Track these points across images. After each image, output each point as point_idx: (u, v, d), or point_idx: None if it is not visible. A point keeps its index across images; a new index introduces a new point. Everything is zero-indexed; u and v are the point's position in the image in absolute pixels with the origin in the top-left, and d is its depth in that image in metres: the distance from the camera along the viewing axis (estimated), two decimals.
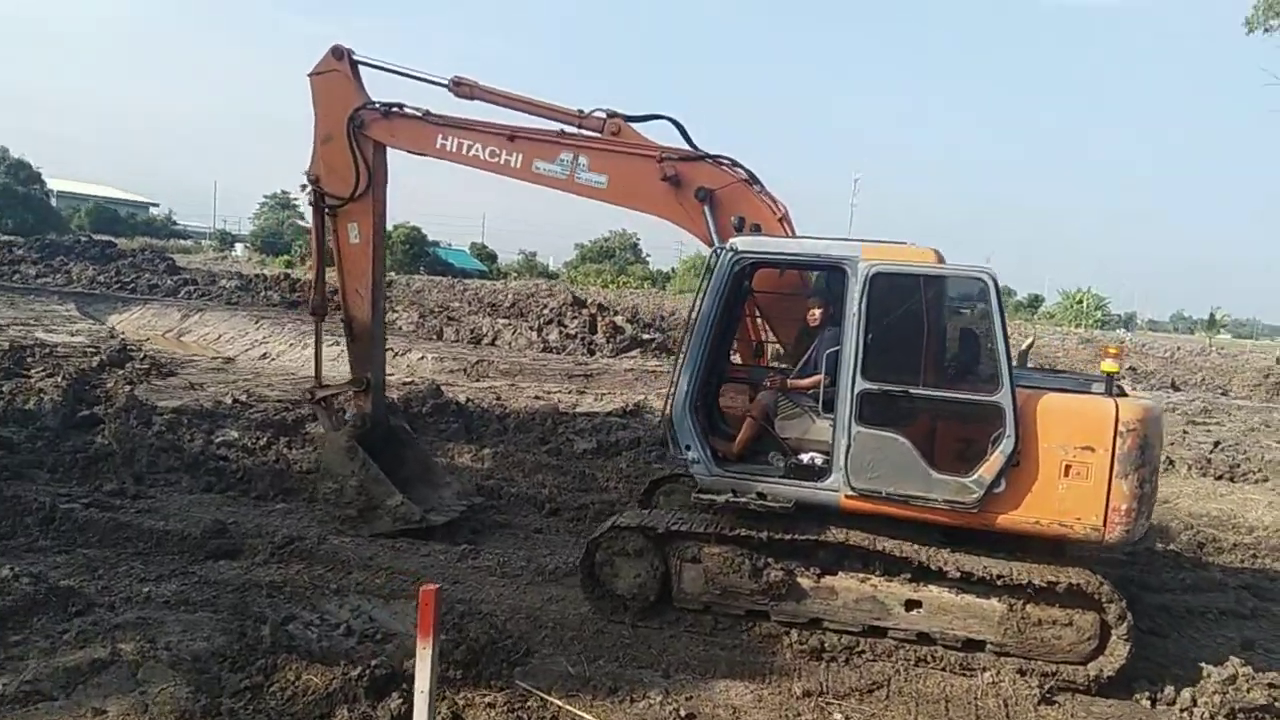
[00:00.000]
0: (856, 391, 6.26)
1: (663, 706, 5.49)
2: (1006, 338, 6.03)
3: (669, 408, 6.71)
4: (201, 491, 9.40)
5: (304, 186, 8.64)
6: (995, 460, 6.04)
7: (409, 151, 8.49)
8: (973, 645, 6.38)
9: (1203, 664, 6.46)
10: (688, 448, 6.68)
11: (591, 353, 25.22)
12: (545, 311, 28.21)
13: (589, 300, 29.66)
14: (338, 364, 20.17)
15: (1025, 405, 6.03)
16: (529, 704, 5.34)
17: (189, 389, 14.51)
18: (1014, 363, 6.11)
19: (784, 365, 7.70)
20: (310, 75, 8.52)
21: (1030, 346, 6.61)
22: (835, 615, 6.53)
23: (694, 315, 6.67)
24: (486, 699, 5.32)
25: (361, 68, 8.54)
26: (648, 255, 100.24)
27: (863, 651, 6.42)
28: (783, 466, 6.73)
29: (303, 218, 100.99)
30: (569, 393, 17.72)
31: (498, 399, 15.71)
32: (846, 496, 6.40)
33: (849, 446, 6.31)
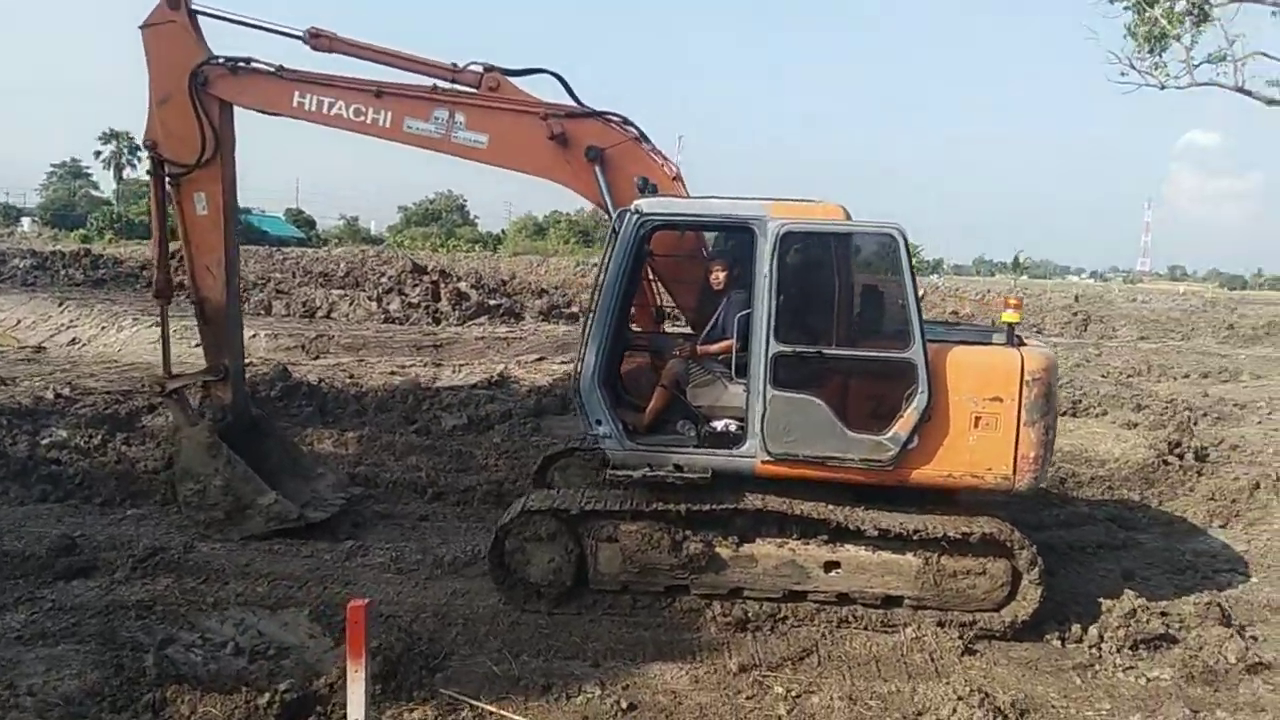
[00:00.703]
0: (770, 354, 6.10)
1: (602, 700, 5.21)
2: (917, 293, 6.00)
3: (577, 381, 6.35)
4: (36, 502, 8.35)
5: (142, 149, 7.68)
6: (910, 416, 6.03)
7: (261, 111, 7.69)
8: (891, 601, 6.41)
9: (1100, 599, 6.73)
10: (598, 422, 6.37)
11: (437, 321, 24.36)
12: (383, 280, 27.02)
13: (429, 267, 28.64)
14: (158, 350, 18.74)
15: (934, 359, 6.03)
16: (461, 713, 4.95)
17: None
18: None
19: (686, 330, 7.48)
20: (141, 27, 7.56)
21: None
22: (756, 583, 6.41)
23: (599, 282, 6.33)
24: (414, 713, 4.90)
25: (201, 19, 7.64)
26: (476, 217, 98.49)
27: (785, 618, 6.34)
28: (696, 435, 6.52)
29: (96, 187, 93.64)
30: (424, 365, 16.99)
31: (350, 377, 14.86)
32: (763, 462, 6.26)
33: (764, 411, 6.16)
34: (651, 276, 7.42)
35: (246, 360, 15.53)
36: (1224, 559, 7.91)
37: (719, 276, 6.85)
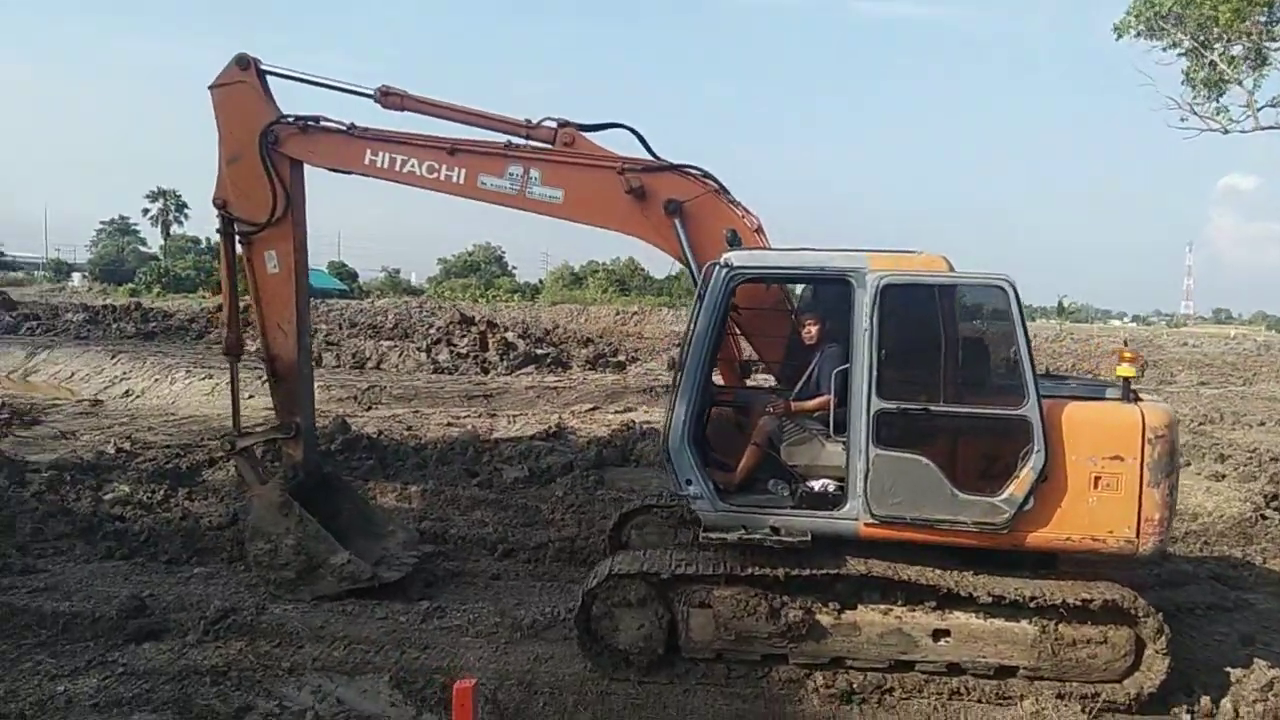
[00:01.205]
0: (873, 412, 5.81)
1: None
2: (1030, 347, 5.70)
3: (666, 439, 6.10)
4: (101, 560, 8.23)
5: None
6: (1025, 477, 5.70)
7: (332, 170, 7.61)
8: (1005, 672, 6.03)
9: (1225, 669, 6.31)
10: (689, 482, 6.09)
11: (486, 371, 24.33)
12: (432, 331, 27.11)
13: (477, 317, 28.64)
14: (212, 401, 18.74)
15: (1049, 416, 5.71)
16: None
17: (60, 439, 12.97)
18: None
19: (775, 386, 7.21)
20: (211, 87, 7.54)
21: None
22: (859, 652, 6.06)
23: (688, 337, 6.09)
24: None
25: (270, 78, 7.60)
26: (514, 267, 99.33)
27: (892, 689, 5.98)
28: (791, 495, 6.23)
29: (144, 243, 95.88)
30: (479, 416, 16.84)
31: (408, 429, 14.71)
32: (866, 524, 5.94)
33: (867, 471, 5.86)
34: (735, 330, 7.17)
35: None
36: None
37: (811, 331, 6.60)
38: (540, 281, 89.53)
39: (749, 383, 7.61)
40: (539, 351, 26.82)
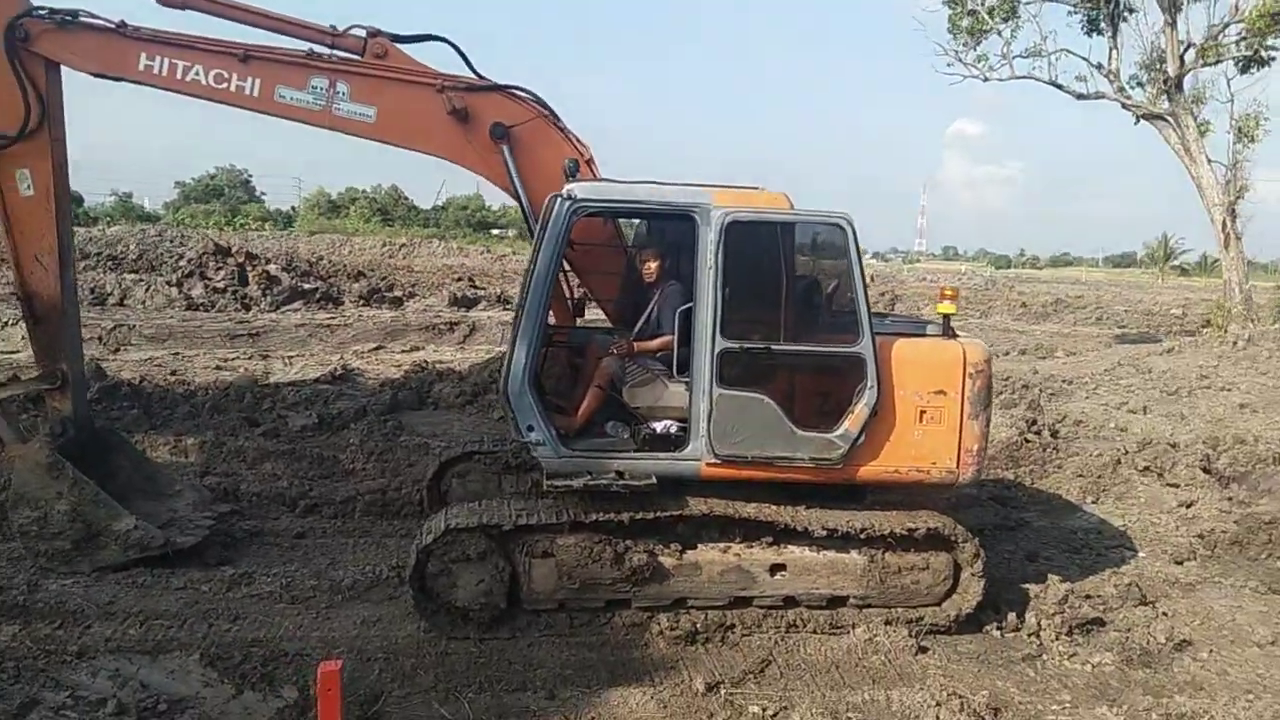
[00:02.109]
0: (716, 351, 5.75)
1: None
2: (865, 285, 5.80)
3: (506, 383, 5.77)
4: None
5: None
6: (860, 412, 5.85)
7: (97, 75, 6.59)
8: (837, 602, 6.23)
9: (1024, 585, 6.85)
10: (530, 428, 5.81)
11: (247, 308, 22.66)
12: (182, 263, 24.72)
13: (233, 248, 26.41)
14: None
15: (880, 353, 5.87)
16: None
17: None
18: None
19: (610, 326, 7.00)
20: None
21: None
22: (700, 591, 6.07)
23: (528, 275, 5.75)
24: None
25: None
26: (263, 193, 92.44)
27: (733, 626, 6.04)
28: (634, 439, 6.09)
29: None
30: (249, 358, 15.68)
31: (172, 374, 13.41)
32: (709, 464, 5.92)
33: (710, 411, 5.81)
34: (566, 267, 6.89)
35: None
36: (1110, 535, 8.27)
37: (650, 268, 6.43)
38: (293, 209, 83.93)
39: (579, 322, 7.36)
40: (305, 286, 25.20)
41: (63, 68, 6.63)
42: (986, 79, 22.76)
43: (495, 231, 64.16)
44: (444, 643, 5.77)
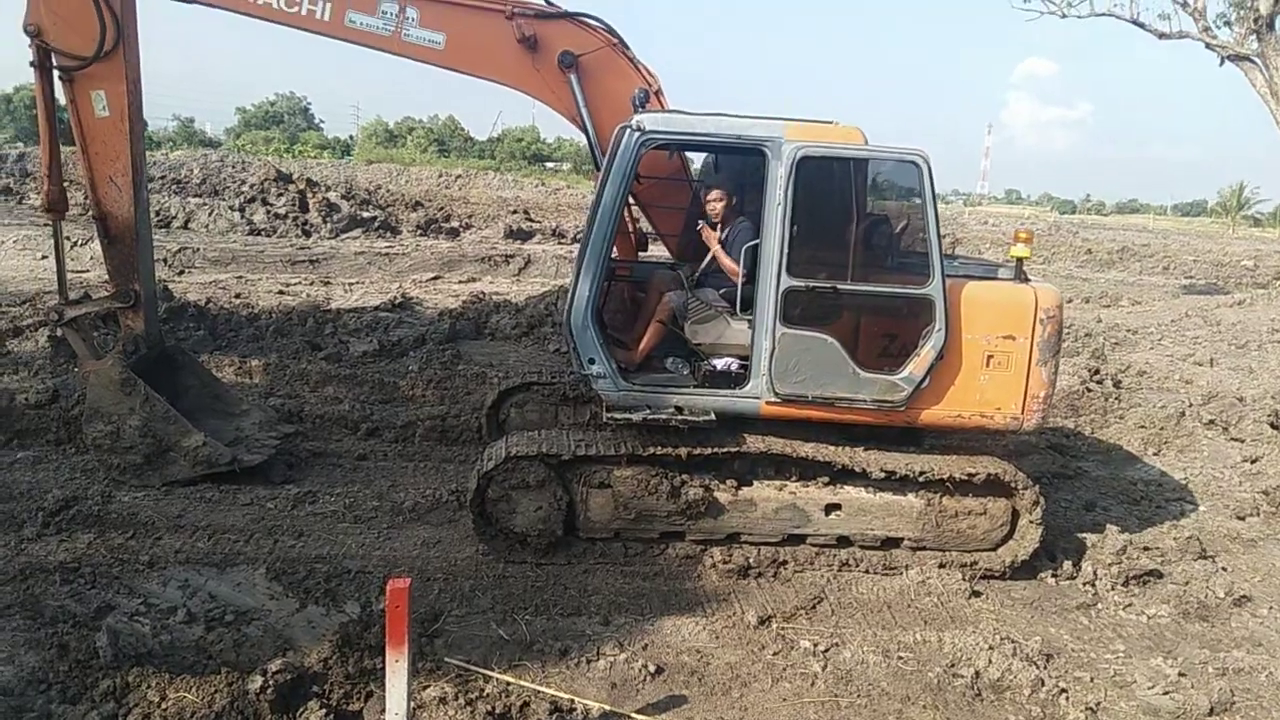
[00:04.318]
0: (781, 290, 5.69)
1: (628, 665, 4.81)
2: (939, 225, 5.68)
3: (568, 315, 5.78)
4: None
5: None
6: (926, 355, 5.78)
7: None
8: (891, 543, 6.23)
9: (1081, 535, 6.79)
10: (591, 361, 5.83)
11: (307, 234, 22.92)
12: (244, 189, 25.04)
13: (295, 175, 26.64)
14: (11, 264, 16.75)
15: (949, 296, 5.77)
16: (486, 689, 4.43)
17: None
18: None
19: (674, 261, 6.96)
20: None
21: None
22: (755, 528, 6.10)
23: (596, 207, 5.72)
24: (432, 692, 4.33)
25: None
26: (321, 121, 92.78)
27: (785, 563, 6.08)
28: (694, 375, 6.09)
29: None
30: (311, 284, 15.89)
31: (237, 297, 13.65)
32: (768, 403, 5.90)
33: (773, 349, 5.77)
34: (631, 201, 6.84)
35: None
36: (1170, 488, 8.13)
37: (717, 206, 6.34)
38: (351, 138, 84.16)
39: (641, 256, 7.33)
40: (364, 214, 25.38)
41: None
42: (1065, 15, 21.93)
43: (550, 165, 63.82)
44: (502, 566, 5.90)
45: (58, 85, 6.64)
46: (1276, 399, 10.46)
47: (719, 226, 6.32)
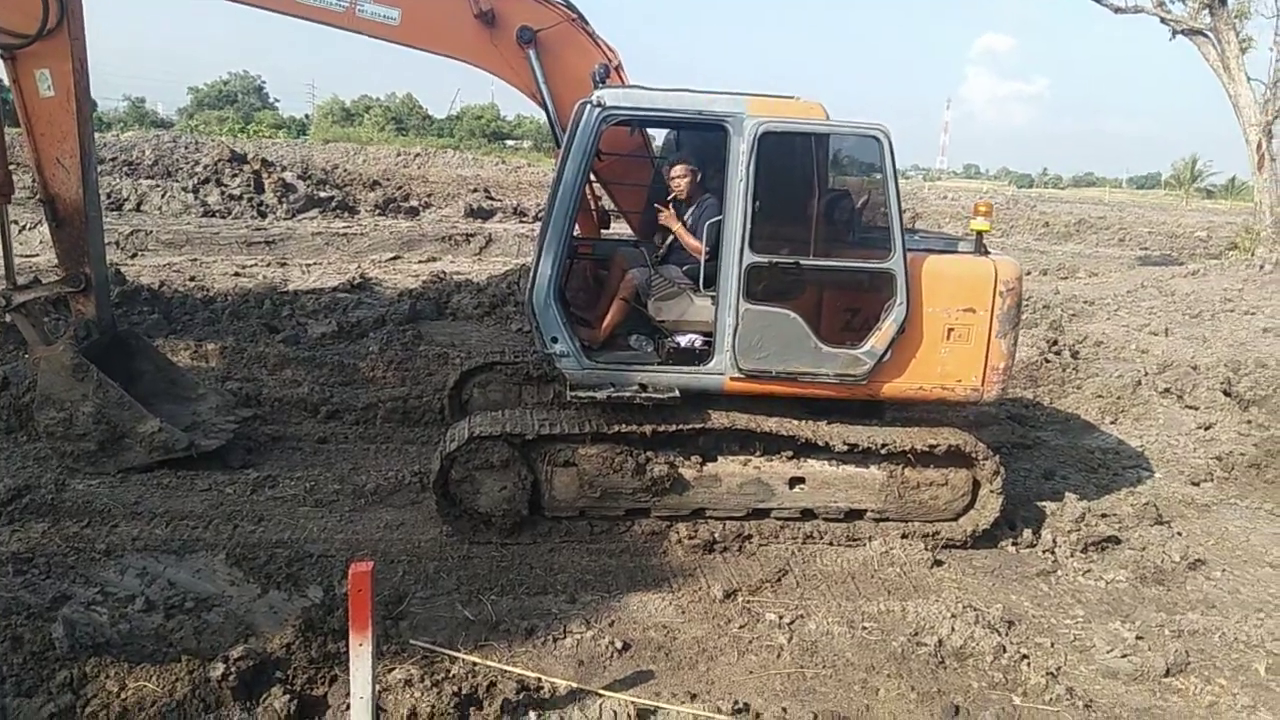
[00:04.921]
0: (744, 265, 5.68)
1: (595, 642, 4.81)
2: (900, 200, 5.69)
3: (531, 294, 5.73)
4: None
5: None
6: (887, 329, 5.81)
7: None
8: (854, 515, 6.29)
9: (1040, 503, 6.88)
10: (554, 339, 5.79)
11: (263, 215, 22.54)
12: (198, 169, 24.56)
13: (249, 155, 26.15)
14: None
15: (910, 270, 5.80)
16: (452, 669, 4.40)
17: None
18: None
19: (636, 239, 6.92)
20: None
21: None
22: (720, 503, 6.12)
23: (557, 185, 5.66)
24: (397, 674, 4.29)
25: None
26: (276, 100, 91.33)
27: (750, 537, 6.11)
28: (658, 352, 6.07)
29: None
30: (268, 265, 15.66)
31: (191, 280, 13.41)
32: (732, 379, 5.91)
33: (736, 325, 5.77)
34: (592, 178, 6.78)
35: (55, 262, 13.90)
36: (1127, 455, 8.27)
37: (681, 183, 6.30)
38: (307, 116, 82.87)
39: (603, 234, 7.28)
40: (321, 194, 25.01)
41: None
42: None
43: (510, 143, 63.34)
44: (466, 547, 5.87)
45: (0, 65, 6.45)
46: (1229, 367, 10.65)
47: (685, 203, 6.29)
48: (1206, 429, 8.96)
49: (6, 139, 6.65)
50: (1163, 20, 21.55)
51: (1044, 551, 6.26)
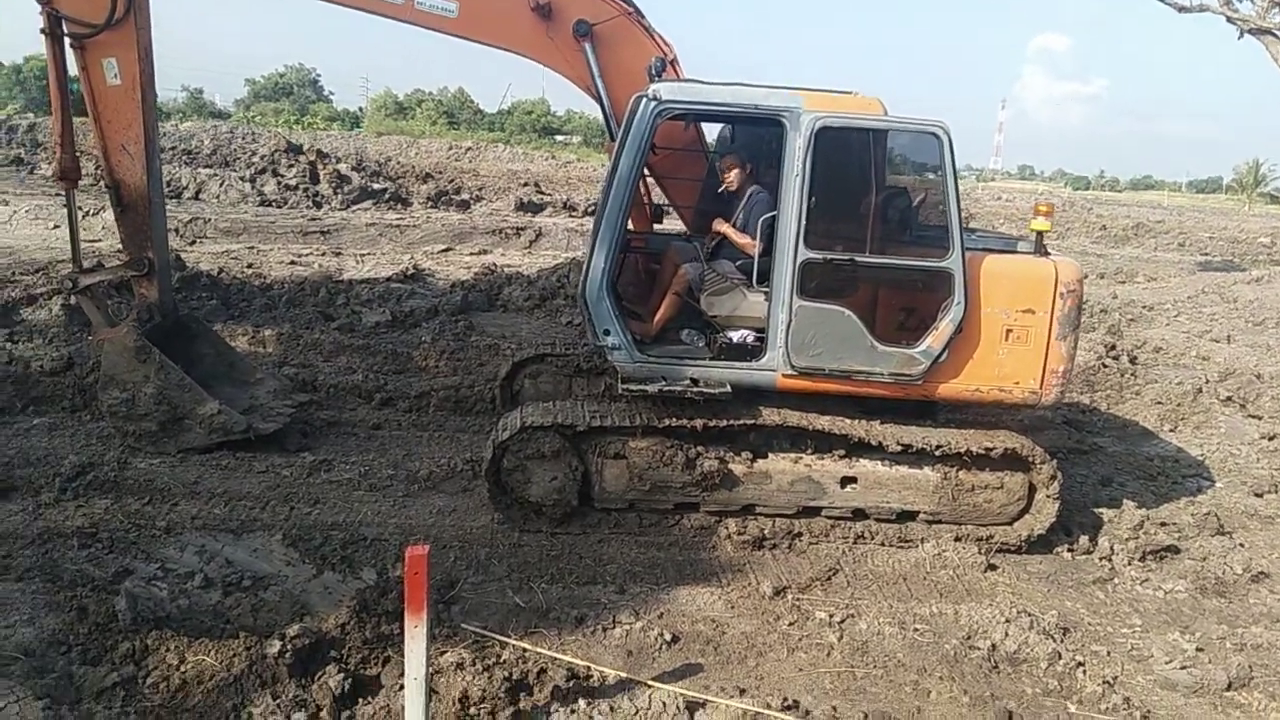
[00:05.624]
0: (799, 262, 5.64)
1: (644, 633, 4.81)
2: (959, 198, 5.62)
3: (584, 287, 5.75)
4: None
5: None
6: (944, 329, 5.73)
7: None
8: (906, 516, 6.22)
9: (1096, 510, 6.76)
10: (606, 332, 5.80)
11: (318, 206, 22.90)
12: (255, 160, 25.00)
13: (305, 146, 26.59)
14: (10, 230, 16.80)
15: (969, 269, 5.72)
16: (503, 655, 4.44)
17: None
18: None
19: (689, 233, 6.92)
20: None
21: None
22: (770, 500, 6.09)
23: (611, 178, 5.67)
24: (450, 659, 4.34)
25: None
26: (331, 93, 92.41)
27: (800, 534, 6.08)
28: (709, 347, 6.06)
29: None
30: (322, 254, 15.88)
31: (249, 267, 13.65)
32: (785, 375, 5.87)
33: (789, 322, 5.74)
34: (646, 172, 6.79)
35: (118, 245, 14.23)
36: (1186, 464, 8.09)
37: (730, 177, 6.28)
38: (361, 109, 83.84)
39: (655, 228, 7.29)
40: (375, 186, 25.34)
41: None
42: None
43: (560, 137, 63.58)
44: (517, 535, 5.91)
45: (69, 54, 6.61)
46: None
47: (735, 195, 6.27)
48: (1271, 439, 8.73)
49: (73, 126, 6.81)
50: (1229, 19, 21.01)
51: (1101, 559, 6.14)
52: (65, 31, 6.51)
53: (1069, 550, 6.25)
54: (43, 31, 6.53)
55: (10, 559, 5.22)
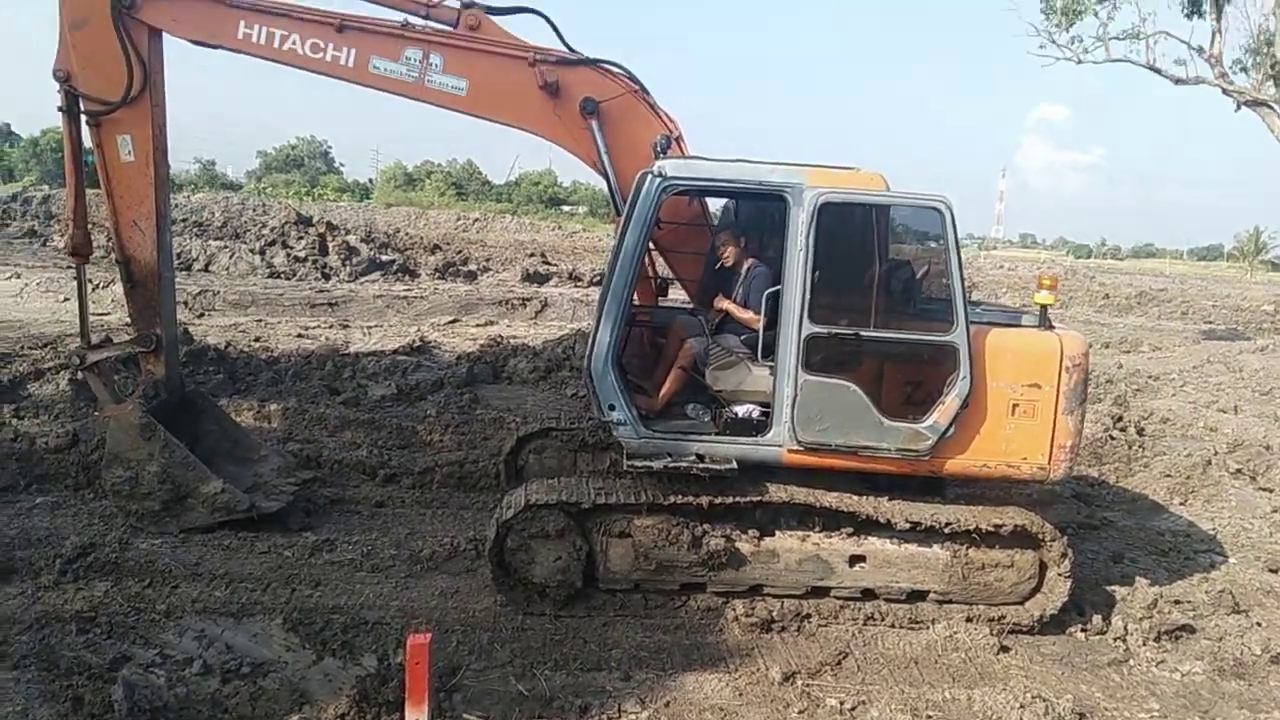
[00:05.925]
0: (803, 336, 5.64)
1: None
2: (962, 271, 5.63)
3: (589, 361, 5.74)
4: None
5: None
6: (951, 404, 5.70)
7: (197, 43, 6.70)
8: (916, 596, 6.11)
9: (1109, 587, 6.64)
10: (611, 408, 5.78)
11: (327, 278, 23.09)
12: (265, 231, 25.30)
13: (315, 218, 26.91)
14: (20, 304, 16.92)
15: (974, 343, 5.70)
16: None
17: None
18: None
19: (692, 306, 6.94)
20: None
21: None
22: (778, 579, 6.00)
23: (617, 253, 5.70)
24: None
25: None
26: (341, 164, 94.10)
27: (809, 616, 5.96)
28: (715, 422, 6.02)
29: None
30: (330, 327, 15.95)
31: (256, 340, 13.69)
32: (791, 451, 5.83)
33: (795, 396, 5.71)
34: (651, 246, 6.83)
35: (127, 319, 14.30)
36: (1198, 539, 7.97)
37: (727, 252, 6.33)
38: (370, 180, 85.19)
39: (661, 301, 7.31)
40: (383, 257, 25.59)
41: (164, 35, 6.75)
42: (1080, 61, 22.03)
43: (566, 208, 64.42)
44: (520, 618, 5.81)
45: (85, 130, 6.73)
46: None
47: (731, 271, 6.31)
48: None
49: (86, 200, 6.90)
50: (1225, 91, 21.34)
51: (1115, 639, 6.01)
52: (82, 109, 6.63)
53: (1082, 630, 6.12)
54: (60, 108, 6.66)
55: (6, 645, 5.14)
